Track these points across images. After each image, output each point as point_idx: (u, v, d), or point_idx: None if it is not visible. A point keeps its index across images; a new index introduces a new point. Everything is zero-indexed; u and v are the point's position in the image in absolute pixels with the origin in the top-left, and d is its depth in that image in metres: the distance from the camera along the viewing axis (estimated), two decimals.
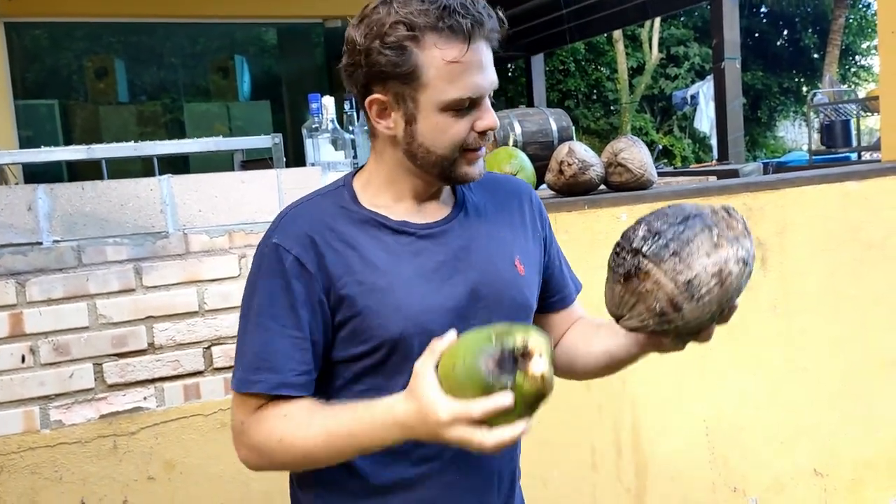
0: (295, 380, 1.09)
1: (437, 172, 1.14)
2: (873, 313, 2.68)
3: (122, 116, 6.58)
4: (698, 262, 1.01)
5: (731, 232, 1.03)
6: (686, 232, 1.02)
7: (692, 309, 1.03)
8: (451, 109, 1.09)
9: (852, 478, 2.68)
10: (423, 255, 1.15)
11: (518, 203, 1.29)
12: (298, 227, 1.13)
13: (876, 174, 2.69)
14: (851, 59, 18.83)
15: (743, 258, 1.02)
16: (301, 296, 1.10)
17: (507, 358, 0.93)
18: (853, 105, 8.24)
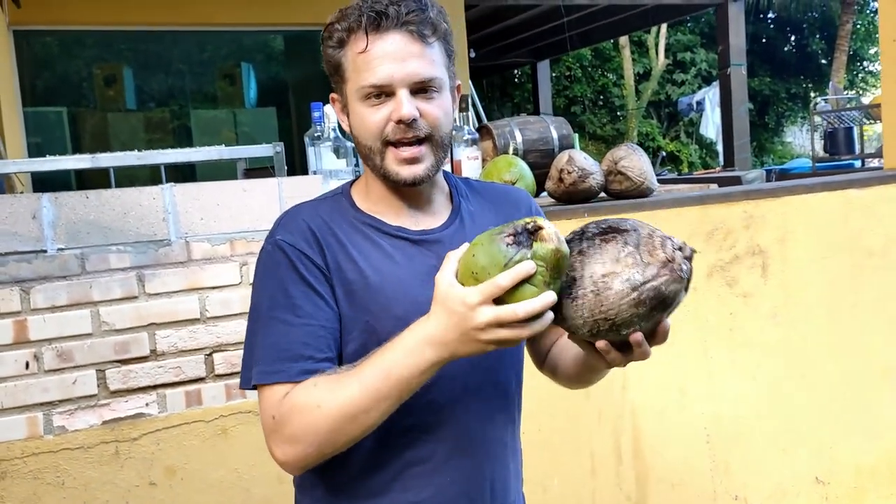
0: (315, 366, 1.10)
1: (373, 167, 1.17)
2: (874, 321, 2.68)
3: (130, 123, 6.62)
4: (590, 266, 1.02)
5: (647, 257, 1.01)
6: (606, 240, 1.04)
7: (567, 308, 1.03)
8: (366, 98, 1.13)
9: (854, 485, 2.68)
10: (416, 259, 1.17)
11: (515, 211, 1.30)
12: (300, 223, 1.17)
13: (878, 182, 2.69)
14: (859, 65, 18.79)
15: (634, 282, 1.00)
16: (315, 284, 1.13)
17: (522, 233, 0.97)
18: (856, 112, 8.23)
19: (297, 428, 1.06)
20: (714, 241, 2.43)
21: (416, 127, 1.13)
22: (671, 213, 2.36)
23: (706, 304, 2.43)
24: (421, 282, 1.14)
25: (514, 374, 1.27)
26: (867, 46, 18.29)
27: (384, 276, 1.15)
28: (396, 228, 1.19)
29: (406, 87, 1.12)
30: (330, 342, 1.13)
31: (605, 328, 1.03)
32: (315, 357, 1.10)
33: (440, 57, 1.17)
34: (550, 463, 2.26)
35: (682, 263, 1.01)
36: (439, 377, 1.11)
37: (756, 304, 2.50)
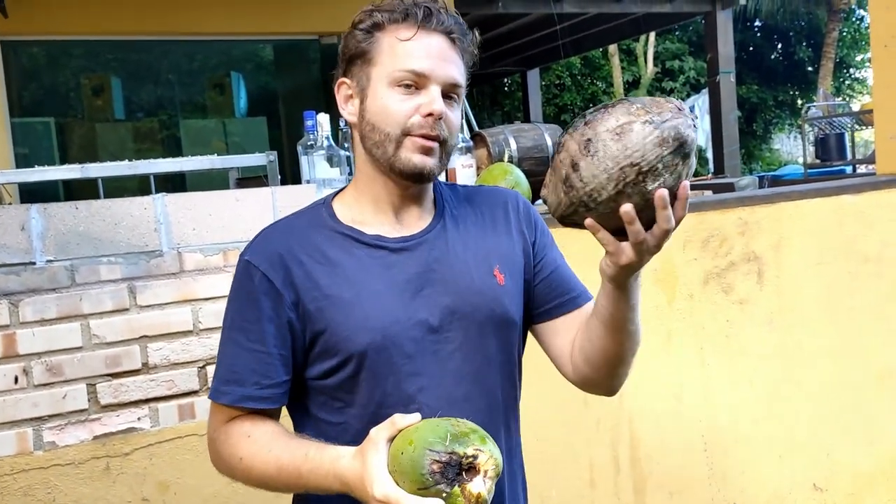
0: (258, 393, 1.13)
1: (382, 157, 1.14)
2: (870, 326, 2.68)
3: (118, 133, 6.57)
4: (603, 124, 0.99)
5: (655, 108, 0.99)
6: (613, 106, 1.01)
7: (587, 168, 0.98)
8: (397, 85, 1.12)
9: (851, 492, 2.67)
10: (394, 268, 1.16)
11: (503, 210, 1.28)
12: (269, 246, 1.17)
13: (871, 188, 2.69)
14: (846, 72, 18.95)
15: (655, 122, 0.97)
16: (268, 311, 1.13)
17: (453, 465, 0.92)
18: (847, 118, 8.28)
19: (223, 462, 1.15)
20: (710, 248, 2.42)
21: (440, 126, 1.13)
22: None
23: (702, 312, 2.42)
24: (399, 291, 1.14)
25: (505, 378, 1.23)
26: (853, 53, 18.45)
27: (359, 289, 1.13)
28: (374, 238, 1.17)
29: (439, 86, 1.13)
30: (278, 368, 1.14)
31: (630, 179, 0.97)
32: (261, 383, 1.13)
33: (465, 72, 1.19)
34: (549, 473, 2.24)
35: (692, 115, 1.01)
36: (425, 386, 1.14)
37: (752, 310, 2.49)
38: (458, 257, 1.19)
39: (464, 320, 1.17)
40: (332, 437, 1.12)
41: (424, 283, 1.16)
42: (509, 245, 1.25)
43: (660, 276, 2.35)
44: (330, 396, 1.16)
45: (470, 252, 1.21)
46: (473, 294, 1.18)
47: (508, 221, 1.27)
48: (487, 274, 1.20)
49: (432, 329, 1.15)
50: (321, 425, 1.17)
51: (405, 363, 1.13)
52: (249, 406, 1.14)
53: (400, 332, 1.13)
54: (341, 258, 1.15)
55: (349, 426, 1.15)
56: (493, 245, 1.23)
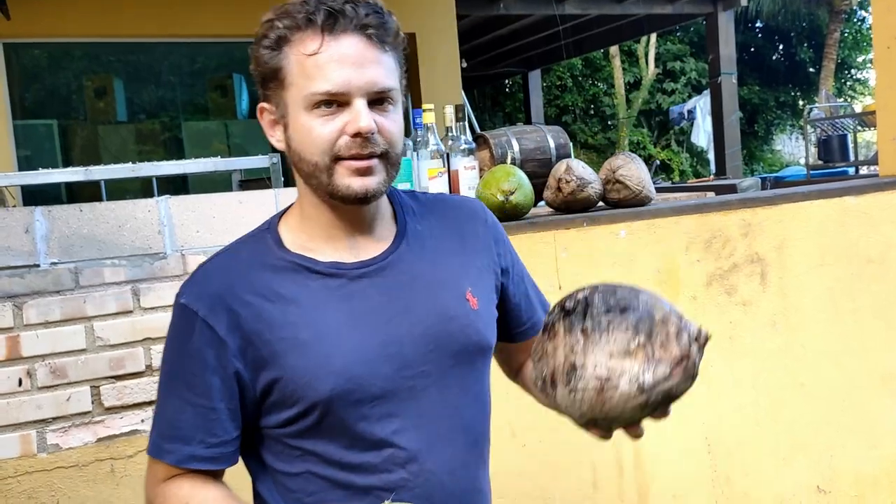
0: (204, 452, 1.02)
1: (318, 186, 1.02)
2: (873, 328, 2.68)
3: (120, 135, 6.59)
4: (595, 355, 0.91)
5: (659, 351, 0.90)
6: (614, 321, 0.91)
7: (563, 396, 0.94)
8: (314, 108, 0.99)
9: (855, 494, 2.67)
10: (355, 298, 1.03)
11: (471, 226, 1.17)
12: (209, 286, 1.03)
13: (874, 189, 2.69)
14: (847, 73, 18.94)
15: (643, 384, 0.89)
16: (211, 362, 1.01)
17: None
18: (850, 120, 8.27)
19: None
20: (713, 250, 2.42)
21: (373, 142, 1.00)
22: (670, 221, 2.35)
23: (706, 313, 2.41)
24: (364, 324, 1.02)
25: (481, 409, 1.14)
26: (855, 55, 18.44)
27: (318, 327, 1.01)
28: (330, 265, 1.04)
29: (364, 97, 0.99)
30: (226, 424, 1.02)
31: (604, 424, 0.95)
32: (207, 441, 1.02)
33: (395, 67, 1.04)
34: (552, 477, 2.23)
35: (696, 358, 0.92)
36: (400, 429, 1.03)
37: (755, 312, 2.49)
38: (426, 280, 1.07)
39: (438, 351, 1.05)
40: (292, 490, 1.04)
41: (392, 313, 1.03)
42: (480, 267, 1.15)
43: (663, 278, 2.34)
44: (288, 446, 1.04)
45: (439, 273, 1.09)
46: (447, 321, 1.06)
47: (477, 237, 1.17)
48: (460, 298, 1.09)
49: (406, 364, 1.03)
50: (279, 477, 1.06)
51: (376, 405, 1.01)
52: (194, 467, 1.03)
53: (368, 372, 1.00)
54: (294, 292, 1.02)
55: (312, 476, 1.04)
56: (463, 267, 1.12)
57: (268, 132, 1.07)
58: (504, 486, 2.14)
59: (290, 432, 1.03)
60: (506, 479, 2.14)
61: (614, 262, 2.26)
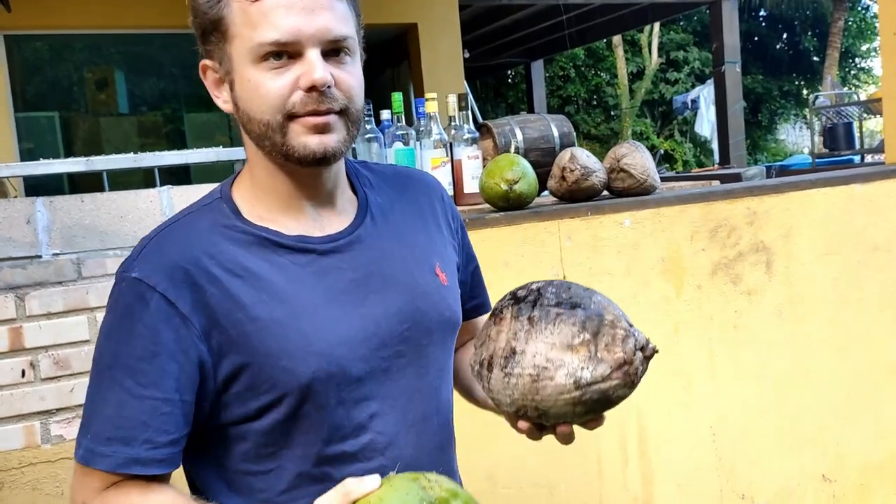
0: (151, 454, 0.87)
1: (271, 149, 0.93)
2: (879, 317, 2.66)
3: (122, 127, 6.58)
4: (537, 344, 0.88)
5: (602, 351, 0.87)
6: (563, 315, 0.89)
7: (496, 379, 0.90)
8: (262, 61, 0.89)
9: (861, 483, 2.66)
10: (329, 275, 0.95)
11: (428, 200, 1.11)
12: (167, 256, 0.91)
13: (881, 176, 2.67)
14: (851, 62, 18.84)
15: (579, 380, 0.86)
16: (169, 345, 0.88)
17: None
18: (855, 107, 8.24)
19: None
20: (718, 239, 2.40)
21: (331, 96, 0.90)
22: (674, 210, 2.33)
23: (711, 303, 2.40)
24: (340, 303, 0.94)
25: (450, 388, 1.09)
26: (859, 43, 18.34)
27: (293, 304, 0.91)
28: (297, 239, 0.95)
29: (317, 46, 0.89)
30: (178, 419, 0.88)
31: (533, 415, 0.91)
32: (154, 441, 0.87)
33: (350, 15, 0.94)
34: (556, 466, 2.23)
35: (639, 366, 0.89)
36: (377, 412, 0.96)
37: (761, 301, 2.48)
38: (396, 256, 1.01)
39: (413, 329, 0.99)
40: (257, 490, 0.94)
41: (367, 291, 0.96)
42: (443, 241, 1.10)
43: (667, 267, 2.33)
44: (257, 442, 0.93)
45: (407, 249, 1.03)
46: (420, 297, 1.00)
47: (436, 212, 1.11)
48: (430, 273, 1.03)
49: (381, 344, 0.96)
50: (241, 478, 0.95)
51: (354, 389, 0.93)
52: (137, 472, 0.87)
53: (348, 353, 0.92)
54: (262, 268, 0.92)
55: (283, 471, 0.94)
56: (429, 241, 1.07)
57: (212, 93, 0.97)
58: (508, 475, 2.14)
59: (260, 426, 0.92)
60: (510, 468, 2.14)
61: (618, 251, 2.25)
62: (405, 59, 6.85)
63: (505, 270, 2.07)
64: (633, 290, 2.26)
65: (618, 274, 2.25)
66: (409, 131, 2.29)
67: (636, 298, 2.26)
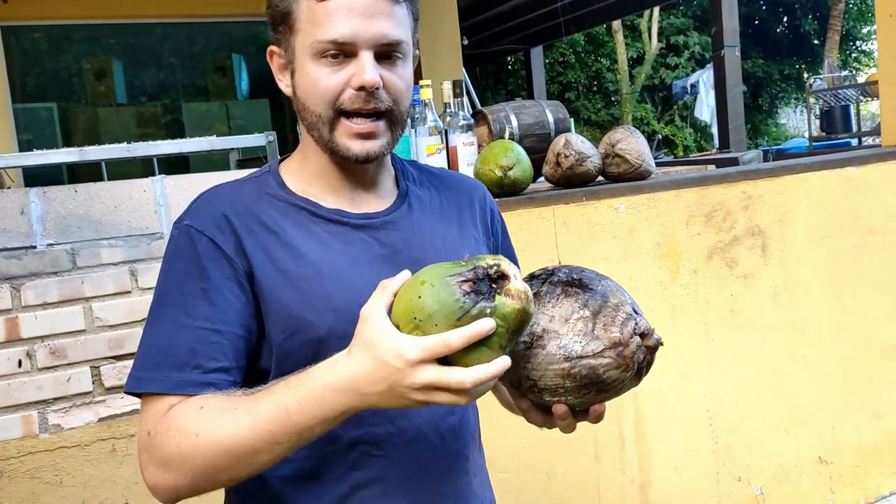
0: (201, 378, 0.91)
1: (318, 138, 1.01)
2: (874, 299, 2.67)
3: (121, 118, 6.57)
4: (536, 315, 0.90)
5: (599, 329, 0.88)
6: (568, 292, 0.91)
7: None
8: (321, 57, 0.96)
9: (857, 465, 2.67)
10: (356, 245, 1.02)
11: (468, 199, 1.17)
12: (214, 208, 1.00)
13: (876, 159, 2.67)
14: (852, 45, 18.74)
15: (570, 352, 0.87)
16: (217, 280, 0.95)
17: (483, 279, 0.79)
18: (853, 90, 8.20)
19: (172, 453, 0.87)
20: (713, 223, 2.40)
21: (378, 98, 0.97)
22: (670, 194, 2.33)
23: (707, 287, 2.41)
24: (364, 271, 0.99)
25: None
26: (860, 26, 18.24)
27: (320, 265, 0.98)
28: (333, 212, 1.03)
29: (371, 49, 0.96)
30: (227, 349, 0.93)
31: (526, 386, 0.92)
32: (203, 366, 0.91)
33: (408, 20, 1.00)
34: (554, 450, 2.24)
35: (636, 351, 0.88)
36: None
37: (756, 285, 2.48)
38: (426, 240, 1.07)
39: None
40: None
41: (391, 265, 1.00)
42: (475, 236, 1.15)
43: (663, 252, 2.34)
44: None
45: (437, 237, 1.08)
46: None
47: (474, 214, 1.17)
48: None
49: None
50: None
51: None
52: (190, 391, 0.91)
53: None
54: (296, 231, 1.00)
55: None
56: (461, 234, 1.12)
57: (277, 76, 1.06)
58: (506, 459, 2.15)
59: (284, 369, 0.93)
60: (508, 452, 2.15)
61: (614, 236, 2.25)
62: None
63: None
64: (629, 274, 2.26)
65: (613, 259, 2.25)
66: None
67: (632, 283, 2.26)
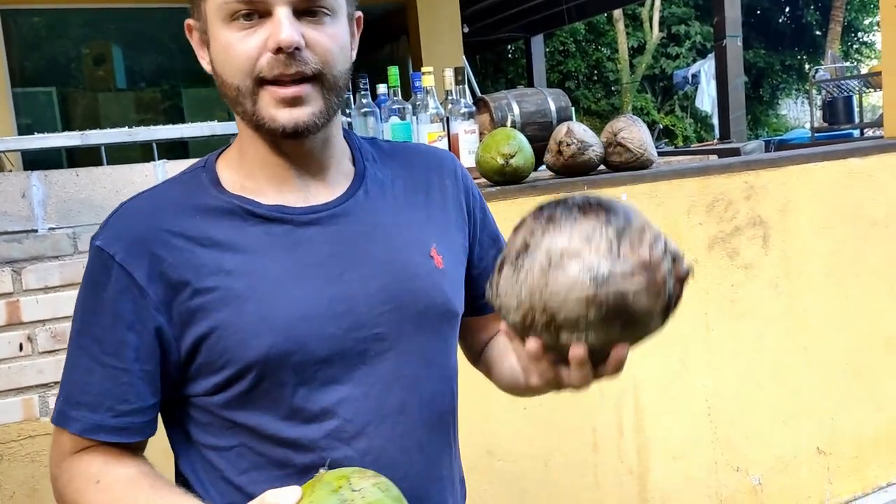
0: (114, 422, 0.87)
1: (244, 116, 0.89)
2: (876, 291, 2.67)
3: (120, 103, 6.55)
4: (554, 238, 0.77)
5: (626, 249, 0.75)
6: (587, 213, 0.78)
7: (505, 279, 0.79)
8: (231, 20, 0.84)
9: (855, 456, 2.68)
10: (302, 247, 0.89)
11: (438, 178, 1.03)
12: (129, 227, 0.89)
13: (879, 150, 2.66)
14: (854, 36, 18.67)
15: (596, 274, 0.74)
16: (128, 315, 0.86)
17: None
18: (855, 81, 8.19)
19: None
20: (715, 213, 2.40)
21: (301, 59, 0.84)
22: (672, 184, 2.33)
23: (707, 276, 2.41)
24: (310, 278, 0.88)
25: (446, 384, 0.99)
26: (862, 17, 18.16)
27: (255, 277, 0.87)
28: (274, 209, 0.90)
29: (287, 4, 0.83)
30: (140, 389, 0.87)
31: (541, 322, 0.77)
32: (115, 409, 0.87)
33: None
34: (552, 438, 2.25)
35: (667, 276, 0.76)
36: (346, 398, 0.89)
37: (757, 275, 2.48)
38: (387, 232, 0.94)
39: (397, 312, 0.91)
40: (219, 468, 0.91)
41: (345, 266, 0.90)
42: (446, 220, 1.01)
43: None
44: (218, 416, 0.90)
45: (403, 228, 0.96)
46: (408, 279, 0.93)
47: (445, 190, 1.03)
48: (423, 254, 0.95)
49: (357, 324, 0.89)
50: (205, 452, 0.92)
51: (320, 369, 0.88)
52: (101, 438, 0.88)
53: (312, 331, 0.87)
54: (230, 237, 0.88)
55: (244, 451, 0.90)
56: (429, 221, 0.99)
57: (198, 54, 0.92)
58: (504, 447, 2.16)
59: (220, 401, 0.89)
60: (506, 440, 2.15)
61: None
62: (404, 34, 6.80)
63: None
64: None
65: None
66: (406, 105, 2.27)
67: None
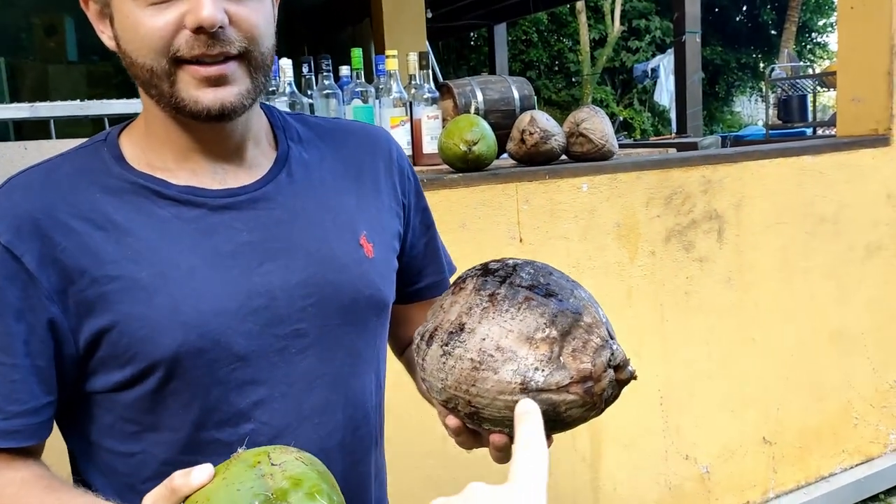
0: (3, 425, 0.77)
1: (158, 97, 0.79)
2: (823, 286, 2.74)
3: (71, 76, 6.37)
4: (491, 326, 0.72)
5: (567, 356, 0.70)
6: (533, 301, 0.72)
7: (433, 356, 0.75)
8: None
9: (799, 445, 2.75)
10: (217, 233, 0.81)
11: (371, 159, 0.95)
12: (18, 204, 0.78)
13: (831, 149, 2.72)
14: (808, 36, 19.09)
15: (528, 381, 0.69)
16: (15, 304, 0.76)
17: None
18: (810, 80, 8.36)
19: None
20: (673, 206, 2.43)
21: (225, 38, 0.76)
22: (631, 176, 2.35)
23: (663, 269, 2.44)
24: (225, 268, 0.80)
25: (373, 380, 0.93)
26: (816, 18, 18.57)
27: (164, 265, 0.78)
28: (186, 190, 0.81)
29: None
30: (32, 387, 0.77)
31: (464, 410, 0.74)
32: (7, 411, 0.77)
33: None
34: None
35: (606, 388, 0.72)
36: (264, 399, 0.82)
37: (711, 268, 2.53)
38: (311, 219, 0.86)
39: (320, 305, 0.84)
40: (122, 473, 0.83)
41: (263, 256, 0.82)
42: (379, 207, 0.94)
43: (622, 233, 2.36)
44: (121, 418, 0.81)
45: (329, 213, 0.88)
46: (334, 270, 0.86)
47: (377, 172, 0.95)
48: (352, 243, 0.88)
49: (276, 319, 0.81)
50: (107, 456, 0.83)
51: (235, 368, 0.80)
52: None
53: (227, 327, 0.79)
54: (134, 221, 0.79)
55: (149, 458, 0.82)
56: (360, 204, 0.91)
57: (97, 28, 0.83)
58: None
59: (124, 401, 0.80)
60: None
61: (575, 215, 2.26)
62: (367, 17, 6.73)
63: (461, 232, 2.07)
64: (589, 254, 2.28)
65: (574, 238, 2.26)
66: (369, 88, 2.25)
67: (591, 263, 2.28)
